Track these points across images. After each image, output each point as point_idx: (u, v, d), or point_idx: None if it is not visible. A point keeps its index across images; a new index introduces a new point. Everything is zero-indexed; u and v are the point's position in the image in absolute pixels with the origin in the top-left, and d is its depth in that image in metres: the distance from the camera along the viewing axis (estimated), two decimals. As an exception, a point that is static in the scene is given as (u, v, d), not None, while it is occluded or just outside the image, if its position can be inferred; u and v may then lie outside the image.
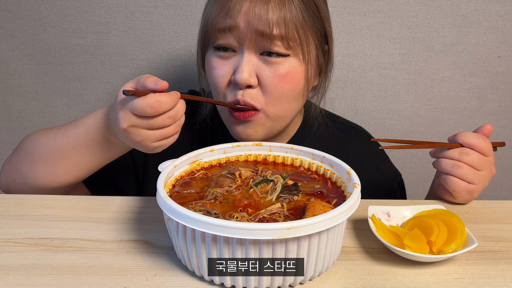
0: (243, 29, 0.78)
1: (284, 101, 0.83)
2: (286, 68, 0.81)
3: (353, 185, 0.62)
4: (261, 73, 0.80)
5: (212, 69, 0.84)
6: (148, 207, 0.77)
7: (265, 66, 0.81)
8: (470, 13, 1.23)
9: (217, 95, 0.85)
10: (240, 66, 0.79)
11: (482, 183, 0.78)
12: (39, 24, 1.24)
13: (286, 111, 0.85)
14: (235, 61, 0.81)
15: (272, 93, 0.81)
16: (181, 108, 0.70)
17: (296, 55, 0.81)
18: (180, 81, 1.30)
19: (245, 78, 0.79)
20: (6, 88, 1.31)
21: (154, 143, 0.71)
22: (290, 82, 0.82)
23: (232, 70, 0.81)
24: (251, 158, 0.78)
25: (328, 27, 0.86)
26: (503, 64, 1.29)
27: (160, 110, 0.67)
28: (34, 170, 0.81)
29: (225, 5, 0.79)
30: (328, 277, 0.60)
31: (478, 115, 1.35)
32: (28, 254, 0.64)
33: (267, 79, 0.80)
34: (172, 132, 0.70)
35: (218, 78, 0.83)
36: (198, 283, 0.59)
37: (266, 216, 0.59)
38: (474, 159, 0.77)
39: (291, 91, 0.83)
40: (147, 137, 0.70)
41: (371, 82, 1.30)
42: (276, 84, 0.81)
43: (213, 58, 0.83)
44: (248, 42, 0.79)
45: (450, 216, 0.68)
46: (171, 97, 0.67)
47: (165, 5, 1.22)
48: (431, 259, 0.61)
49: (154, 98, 0.66)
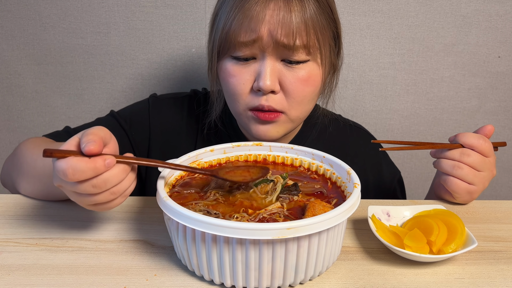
0: (266, 38, 0.78)
1: (305, 104, 0.85)
2: (306, 72, 0.81)
3: (353, 185, 0.62)
4: (283, 78, 0.81)
5: (231, 77, 0.83)
6: (148, 207, 0.77)
7: (287, 71, 0.81)
8: (470, 13, 1.23)
9: (236, 102, 0.85)
10: (263, 73, 0.80)
11: (482, 184, 0.78)
12: (39, 24, 1.24)
13: (306, 112, 0.88)
14: (256, 68, 0.81)
15: (295, 97, 0.82)
16: (115, 175, 0.58)
17: (315, 59, 0.82)
18: (180, 81, 1.30)
19: (269, 84, 0.79)
20: (6, 88, 1.31)
21: (90, 206, 0.62)
22: (311, 85, 0.83)
23: (253, 77, 0.82)
24: (251, 158, 0.78)
25: (339, 28, 0.87)
26: (503, 64, 1.29)
27: (74, 178, 0.56)
28: (19, 182, 0.80)
29: (247, 15, 0.77)
30: (328, 277, 0.60)
31: (478, 115, 1.35)
32: (28, 254, 0.64)
33: (289, 84, 0.81)
34: (104, 199, 0.59)
35: (238, 86, 0.83)
36: (198, 283, 0.59)
37: (266, 216, 0.59)
38: (474, 160, 0.77)
39: (311, 94, 0.84)
40: (78, 200, 0.61)
41: (371, 82, 1.30)
42: (299, 89, 0.82)
43: (231, 66, 0.83)
44: (270, 50, 0.79)
45: (450, 216, 0.68)
46: (89, 164, 0.56)
47: (165, 5, 1.22)
48: (431, 259, 0.61)
49: (69, 163, 0.55)
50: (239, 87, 0.82)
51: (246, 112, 0.85)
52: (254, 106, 0.83)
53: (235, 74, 0.82)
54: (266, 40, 0.78)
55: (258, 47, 0.79)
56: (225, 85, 0.85)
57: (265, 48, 0.79)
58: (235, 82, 0.82)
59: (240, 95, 0.83)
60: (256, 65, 0.81)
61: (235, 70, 0.82)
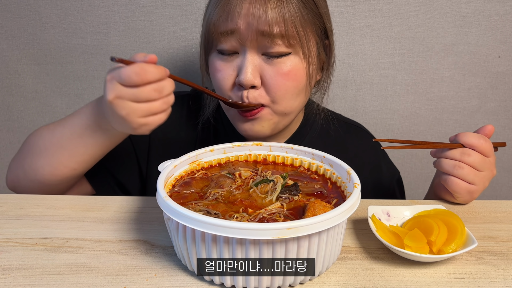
0: (244, 30, 0.79)
1: (288, 98, 0.85)
2: (288, 66, 0.82)
3: (353, 185, 0.62)
4: (264, 73, 0.82)
5: (216, 72, 0.85)
6: (148, 207, 0.77)
7: (268, 65, 0.82)
8: (470, 13, 1.23)
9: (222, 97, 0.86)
10: (244, 67, 0.81)
11: (483, 183, 0.78)
12: (39, 24, 1.24)
13: (291, 107, 0.87)
14: (238, 62, 0.83)
15: (276, 92, 0.83)
16: (169, 85, 0.69)
17: (297, 52, 0.82)
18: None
19: (248, 79, 0.80)
20: (6, 88, 1.31)
21: (140, 118, 0.68)
22: (293, 79, 0.83)
23: (236, 72, 0.83)
24: (251, 158, 0.78)
25: (327, 22, 0.88)
26: (503, 64, 1.29)
27: (145, 78, 0.65)
28: (34, 163, 0.82)
29: (225, 8, 0.79)
30: (328, 277, 0.60)
31: (478, 115, 1.35)
32: (28, 254, 0.64)
33: (270, 78, 0.82)
34: (158, 108, 0.68)
35: (222, 81, 0.84)
36: (198, 283, 0.59)
37: (266, 216, 0.59)
38: (475, 159, 0.76)
39: (294, 88, 0.84)
40: (132, 111, 0.67)
41: (371, 82, 1.30)
42: (279, 83, 0.82)
43: (217, 61, 0.84)
44: (249, 43, 0.80)
45: (450, 216, 0.68)
46: (157, 69, 0.67)
47: (165, 5, 1.22)
48: (431, 259, 0.61)
49: (139, 65, 0.65)
50: (223, 82, 0.84)
51: (231, 109, 0.86)
52: (236, 100, 0.84)
53: (220, 69, 0.84)
54: (244, 32, 0.79)
55: (238, 39, 0.80)
56: (213, 80, 0.87)
57: (244, 40, 0.80)
58: (220, 77, 0.84)
59: (225, 90, 0.85)
60: (238, 60, 0.83)
61: (220, 65, 0.84)
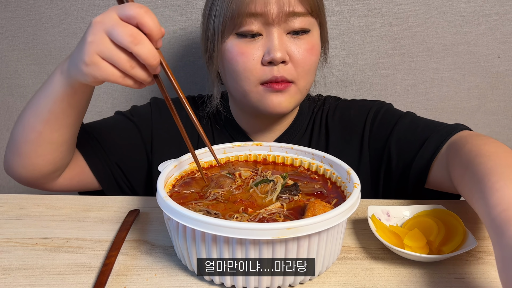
0: (275, 12, 0.82)
1: (311, 73, 0.90)
2: (310, 42, 0.87)
3: (353, 185, 0.62)
4: (291, 49, 0.86)
5: (239, 55, 0.85)
6: (148, 207, 0.77)
7: (293, 43, 0.86)
8: (469, 13, 1.23)
9: (247, 79, 0.86)
10: (273, 46, 0.84)
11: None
12: (39, 24, 1.24)
13: (310, 83, 0.92)
14: (263, 43, 0.85)
15: (303, 66, 0.87)
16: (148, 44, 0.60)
17: (315, 28, 0.89)
18: (180, 81, 1.30)
19: (280, 56, 0.83)
20: (6, 88, 1.31)
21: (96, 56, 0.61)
22: (315, 54, 0.89)
23: (262, 52, 0.85)
24: (251, 158, 0.78)
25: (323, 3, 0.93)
26: (503, 64, 1.29)
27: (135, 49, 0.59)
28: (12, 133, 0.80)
29: None
30: (328, 277, 0.60)
31: (478, 115, 1.35)
32: (28, 254, 0.64)
33: (298, 54, 0.86)
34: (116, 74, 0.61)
35: (248, 62, 0.85)
36: (198, 283, 0.59)
37: (266, 216, 0.59)
38: None
39: (315, 63, 0.90)
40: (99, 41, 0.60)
41: (371, 82, 1.30)
42: (306, 58, 0.87)
43: (239, 44, 0.85)
44: (277, 23, 0.84)
45: (450, 216, 0.68)
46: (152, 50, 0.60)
47: (165, 5, 1.22)
48: (431, 259, 0.61)
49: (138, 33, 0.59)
50: (250, 63, 0.85)
51: (257, 87, 0.87)
52: (267, 79, 0.85)
53: (243, 52, 0.85)
54: (273, 13, 0.82)
55: (269, 20, 0.83)
56: (233, 65, 0.87)
57: (273, 21, 0.83)
58: (245, 59, 0.85)
59: (251, 71, 0.85)
60: (263, 41, 0.85)
61: (242, 48, 0.85)
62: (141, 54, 0.59)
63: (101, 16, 0.61)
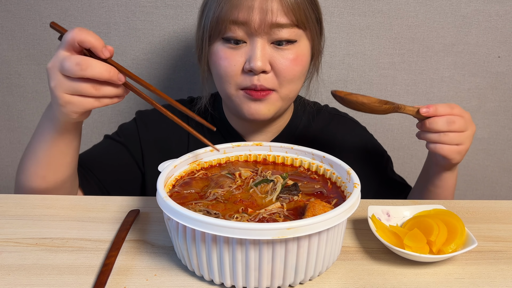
0: (257, 22, 0.82)
1: (294, 82, 0.89)
2: (295, 52, 0.87)
3: (353, 185, 0.62)
4: (274, 59, 0.86)
5: (222, 60, 0.87)
6: (148, 207, 0.77)
7: (277, 53, 0.86)
8: (470, 13, 1.23)
9: (227, 83, 0.88)
10: (254, 55, 0.84)
11: (469, 140, 0.84)
12: (39, 24, 1.24)
13: (295, 91, 0.92)
14: (247, 50, 0.86)
15: (285, 76, 0.87)
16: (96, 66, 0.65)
17: (303, 39, 0.88)
18: (180, 81, 1.30)
19: (260, 65, 0.84)
20: (6, 88, 1.31)
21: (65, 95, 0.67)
22: (300, 64, 0.88)
23: (244, 59, 0.86)
24: (251, 158, 0.78)
25: (321, 12, 0.93)
26: (503, 64, 1.29)
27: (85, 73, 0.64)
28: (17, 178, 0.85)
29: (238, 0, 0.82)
30: (328, 277, 0.60)
31: (478, 115, 1.35)
32: (28, 254, 0.64)
33: (280, 64, 0.86)
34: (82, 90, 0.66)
35: (229, 67, 0.86)
36: (198, 283, 0.59)
37: (266, 216, 0.59)
38: (460, 124, 0.82)
39: (300, 72, 0.89)
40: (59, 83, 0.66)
41: (371, 82, 1.30)
42: (289, 68, 0.86)
43: (223, 49, 0.87)
44: (260, 33, 0.83)
45: (450, 216, 0.68)
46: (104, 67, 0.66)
47: (165, 5, 1.22)
48: (431, 259, 0.61)
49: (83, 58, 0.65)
50: (230, 68, 0.86)
51: (237, 92, 0.89)
52: (247, 86, 0.87)
53: (227, 57, 0.86)
54: (257, 23, 0.82)
55: (251, 29, 0.83)
56: (217, 68, 0.89)
57: (256, 31, 0.83)
58: (227, 64, 0.86)
59: (232, 77, 0.87)
60: (247, 48, 0.86)
61: (226, 53, 0.86)
62: (94, 75, 0.63)
63: (52, 60, 0.67)
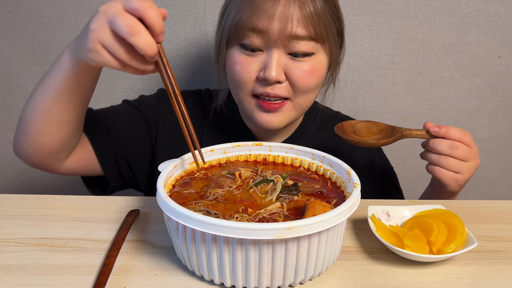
0: (275, 32, 0.81)
1: (309, 93, 0.89)
2: (312, 64, 0.85)
3: (353, 185, 0.62)
4: (289, 70, 0.85)
5: (237, 65, 0.86)
6: (148, 207, 0.77)
7: (293, 63, 0.85)
8: (470, 13, 1.23)
9: (240, 88, 0.88)
10: (270, 65, 0.83)
11: (468, 172, 0.82)
12: (39, 24, 1.24)
13: (309, 101, 0.91)
14: (263, 59, 0.85)
15: (300, 88, 0.86)
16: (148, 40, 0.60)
17: (320, 52, 0.86)
18: (180, 81, 1.30)
19: (274, 76, 0.83)
20: (6, 88, 1.31)
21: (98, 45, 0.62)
22: (316, 76, 0.87)
23: (260, 67, 0.85)
24: (251, 158, 0.78)
25: (343, 26, 0.92)
26: (502, 64, 1.29)
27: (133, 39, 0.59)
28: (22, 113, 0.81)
29: (259, 7, 0.81)
30: (328, 277, 0.60)
31: (478, 115, 1.35)
32: (28, 254, 0.64)
33: (295, 75, 0.85)
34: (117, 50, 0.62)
35: (244, 74, 0.86)
36: (198, 283, 0.59)
37: (266, 216, 0.59)
38: (462, 152, 0.81)
39: (315, 84, 0.88)
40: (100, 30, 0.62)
41: (371, 82, 1.30)
42: (304, 80, 0.86)
43: (239, 55, 0.86)
44: (278, 43, 0.83)
45: (450, 216, 0.68)
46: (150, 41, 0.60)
47: (165, 5, 1.22)
48: (431, 259, 0.61)
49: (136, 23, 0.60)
50: (245, 75, 0.86)
51: (250, 98, 0.88)
52: (259, 93, 0.86)
53: (242, 63, 0.86)
54: (275, 33, 0.81)
55: (270, 38, 0.82)
56: (231, 73, 0.88)
57: (274, 40, 0.82)
58: (241, 70, 0.86)
59: (245, 83, 0.87)
60: (263, 57, 0.85)
61: (242, 59, 0.86)
62: (138, 45, 0.60)
63: (106, 5, 0.62)
